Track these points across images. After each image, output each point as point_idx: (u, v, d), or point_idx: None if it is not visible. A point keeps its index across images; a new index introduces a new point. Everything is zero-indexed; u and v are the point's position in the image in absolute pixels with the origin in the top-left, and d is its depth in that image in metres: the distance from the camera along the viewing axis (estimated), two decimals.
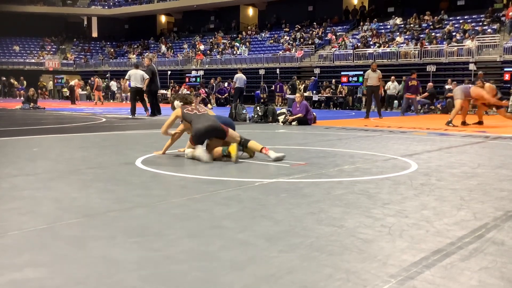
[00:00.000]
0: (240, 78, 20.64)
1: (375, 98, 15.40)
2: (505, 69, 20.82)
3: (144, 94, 14.90)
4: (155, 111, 15.06)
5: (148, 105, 15.15)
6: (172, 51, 38.37)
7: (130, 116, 14.28)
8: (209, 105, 23.15)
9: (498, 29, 24.27)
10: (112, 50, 42.85)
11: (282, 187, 3.95)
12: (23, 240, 2.48)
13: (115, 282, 1.95)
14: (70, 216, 2.93)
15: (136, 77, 14.39)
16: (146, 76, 14.43)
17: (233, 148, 5.23)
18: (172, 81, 31.36)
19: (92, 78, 27.90)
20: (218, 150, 5.37)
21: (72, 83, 29.18)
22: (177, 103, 5.97)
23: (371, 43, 27.65)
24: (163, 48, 38.68)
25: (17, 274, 2.00)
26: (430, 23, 27.63)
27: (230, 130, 5.59)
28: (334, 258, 2.24)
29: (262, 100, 24.88)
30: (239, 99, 20.30)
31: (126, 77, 15.03)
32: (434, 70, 22.62)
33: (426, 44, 24.71)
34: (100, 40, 46.53)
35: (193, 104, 5.91)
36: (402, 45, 25.79)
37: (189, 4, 39.08)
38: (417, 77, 22.28)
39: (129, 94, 15.54)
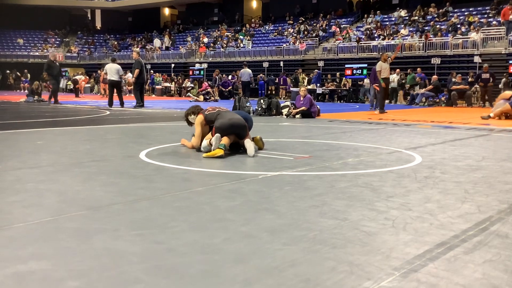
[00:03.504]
0: (243, 73, 20.82)
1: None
2: (510, 62, 20.69)
3: (127, 87, 15.57)
4: (141, 102, 15.59)
5: (128, 97, 15.76)
6: (172, 43, 38.29)
7: (108, 107, 15.20)
8: (212, 98, 23.16)
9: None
10: (115, 42, 42.83)
11: (285, 180, 3.94)
12: (27, 232, 2.49)
13: (119, 274, 1.95)
14: (74, 209, 2.94)
15: (112, 71, 15.05)
16: (122, 71, 15.42)
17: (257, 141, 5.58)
18: (180, 74, 31.37)
19: (99, 71, 28.05)
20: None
21: (77, 77, 29.29)
22: (192, 117, 6.02)
23: (376, 35, 27.52)
24: (157, 42, 38.46)
25: (21, 266, 2.01)
26: (435, 15, 27.48)
27: (248, 133, 5.58)
28: (338, 251, 2.24)
29: (268, 92, 24.92)
30: (245, 92, 20.45)
31: (104, 71, 15.73)
32: (439, 62, 22.52)
33: (431, 36, 24.58)
34: (103, 33, 46.52)
35: (208, 107, 5.94)
36: (406, 37, 25.65)
37: None
38: (422, 69, 22.29)
39: (132, 87, 16.01)
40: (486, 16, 25.41)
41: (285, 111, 12.27)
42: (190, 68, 31.93)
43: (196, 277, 1.95)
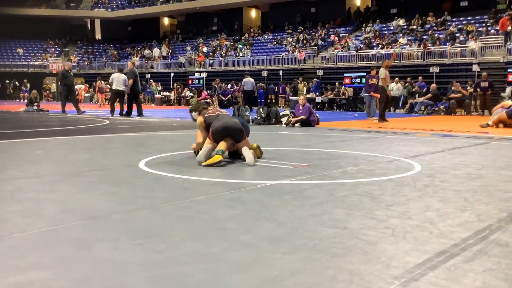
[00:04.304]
0: (247, 82, 21.10)
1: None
2: (509, 70, 20.75)
3: (125, 96, 15.82)
4: (138, 112, 15.80)
5: (125, 106, 15.94)
6: (171, 53, 38.47)
7: (110, 116, 15.49)
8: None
9: None
10: (115, 52, 42.95)
11: (285, 189, 3.95)
12: (27, 242, 2.49)
13: (119, 284, 1.95)
14: (74, 218, 2.94)
15: (119, 80, 15.22)
16: (128, 81, 15.33)
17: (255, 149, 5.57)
18: (178, 83, 31.43)
19: (98, 81, 28.13)
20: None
21: (77, 87, 29.38)
22: (194, 114, 6.07)
23: (374, 44, 27.63)
24: (156, 51, 38.58)
25: (21, 276, 2.01)
26: (433, 24, 27.59)
27: (246, 138, 5.59)
28: (338, 260, 2.24)
29: (268, 101, 25.01)
30: (248, 101, 20.64)
31: (110, 80, 15.91)
32: (438, 71, 22.59)
33: (429, 45, 24.67)
34: (103, 43, 46.65)
35: (210, 108, 5.96)
36: (405, 46, 25.75)
37: (192, 7, 39.18)
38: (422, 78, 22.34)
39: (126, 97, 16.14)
40: (484, 25, 25.51)
41: (284, 119, 12.29)
42: (190, 77, 32.00)
43: (196, 286, 1.95)
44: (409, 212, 3.17)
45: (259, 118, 12.70)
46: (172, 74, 32.76)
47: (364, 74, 22.80)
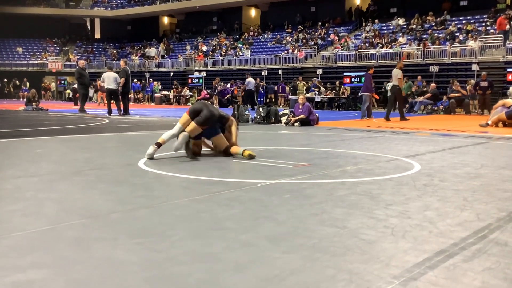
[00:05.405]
0: (250, 82, 21.28)
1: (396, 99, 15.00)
2: (508, 70, 20.74)
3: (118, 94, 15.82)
4: (122, 111, 15.83)
5: (121, 105, 15.99)
6: (167, 52, 38.49)
7: (107, 115, 15.38)
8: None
9: None
10: (114, 51, 42.92)
11: (284, 188, 3.94)
12: (26, 241, 2.49)
13: (118, 284, 1.95)
14: (73, 218, 2.94)
15: (110, 79, 15.24)
16: (119, 79, 15.31)
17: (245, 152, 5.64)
18: (175, 81, 31.43)
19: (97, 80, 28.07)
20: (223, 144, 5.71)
21: (75, 86, 29.30)
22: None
23: (375, 43, 27.61)
24: (152, 51, 38.59)
25: (20, 275, 2.01)
26: (433, 24, 27.59)
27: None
28: (337, 259, 2.24)
29: (267, 100, 25.05)
30: (251, 101, 20.75)
31: (101, 79, 15.85)
32: (437, 70, 22.58)
33: (429, 44, 24.67)
34: (103, 42, 46.62)
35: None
36: (404, 45, 25.74)
37: (192, 6, 39.17)
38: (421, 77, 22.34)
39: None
40: (483, 24, 25.51)
41: (284, 119, 12.29)
42: (189, 76, 31.98)
43: (195, 286, 1.94)
44: (409, 211, 3.17)
45: (258, 117, 12.70)
46: (172, 73, 32.75)
47: (363, 73, 22.79)
